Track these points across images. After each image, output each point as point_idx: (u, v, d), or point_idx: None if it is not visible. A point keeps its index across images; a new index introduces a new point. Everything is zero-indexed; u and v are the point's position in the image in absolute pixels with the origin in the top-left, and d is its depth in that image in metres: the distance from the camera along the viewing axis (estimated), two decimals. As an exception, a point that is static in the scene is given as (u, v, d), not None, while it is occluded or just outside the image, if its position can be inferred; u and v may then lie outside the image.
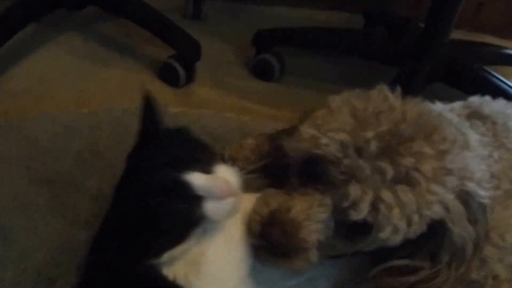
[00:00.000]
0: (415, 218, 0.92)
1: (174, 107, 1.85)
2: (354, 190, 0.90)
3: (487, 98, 1.33)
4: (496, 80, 1.94)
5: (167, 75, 2.06)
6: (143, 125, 1.11)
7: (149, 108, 1.13)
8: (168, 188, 0.96)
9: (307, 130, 0.97)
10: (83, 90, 1.95)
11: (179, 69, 2.03)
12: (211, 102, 2.00)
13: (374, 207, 0.90)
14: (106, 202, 1.04)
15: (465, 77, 1.98)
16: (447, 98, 1.33)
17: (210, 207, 0.98)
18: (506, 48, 2.33)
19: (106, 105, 1.85)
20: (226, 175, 1.02)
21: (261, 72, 2.19)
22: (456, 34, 2.05)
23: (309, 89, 2.16)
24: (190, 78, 2.08)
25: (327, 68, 2.30)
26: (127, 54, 2.18)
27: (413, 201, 0.90)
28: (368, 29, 2.51)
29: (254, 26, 2.25)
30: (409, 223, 0.92)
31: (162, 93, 2.00)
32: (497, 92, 1.43)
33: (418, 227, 0.93)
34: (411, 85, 1.92)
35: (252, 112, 1.96)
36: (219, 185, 0.99)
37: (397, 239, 0.94)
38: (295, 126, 1.04)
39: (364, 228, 0.93)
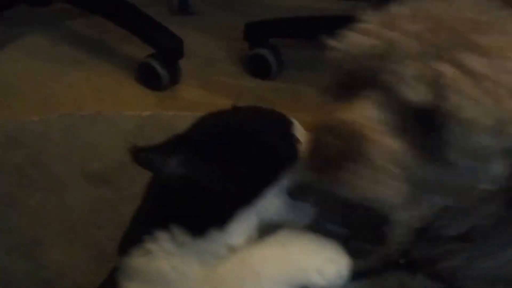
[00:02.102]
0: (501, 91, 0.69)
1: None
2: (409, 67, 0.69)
3: None
4: None
5: (147, 77, 1.83)
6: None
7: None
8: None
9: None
10: (49, 96, 1.73)
11: (159, 69, 1.81)
12: (199, 105, 1.78)
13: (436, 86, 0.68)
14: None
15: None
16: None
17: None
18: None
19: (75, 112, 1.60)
20: None
21: (256, 68, 1.98)
22: None
23: (311, 84, 1.91)
24: (173, 79, 1.85)
25: (330, 60, 2.04)
26: (101, 55, 1.96)
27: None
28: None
29: (247, 18, 2.05)
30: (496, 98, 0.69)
31: (142, 97, 1.79)
32: None
33: None
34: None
35: (247, 113, 1.71)
36: None
37: (488, 124, 0.69)
38: None
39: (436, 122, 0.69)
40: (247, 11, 2.27)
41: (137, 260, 0.77)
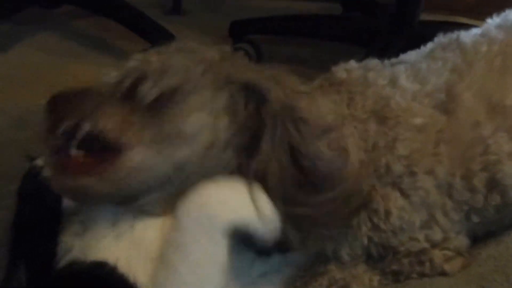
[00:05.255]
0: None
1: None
2: None
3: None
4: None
5: (142, 69, 1.95)
6: None
7: None
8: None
9: None
10: (53, 84, 1.78)
11: (153, 62, 1.92)
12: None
13: None
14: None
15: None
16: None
17: None
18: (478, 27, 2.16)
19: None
20: None
21: (238, 61, 2.07)
22: (432, 17, 2.00)
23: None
24: (166, 72, 1.96)
25: (307, 54, 2.18)
26: (103, 50, 2.08)
27: None
28: (344, 15, 2.38)
29: (231, 18, 2.17)
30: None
31: (137, 86, 1.89)
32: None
33: None
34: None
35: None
36: None
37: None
38: None
39: None
40: (231, 12, 2.37)
41: None
